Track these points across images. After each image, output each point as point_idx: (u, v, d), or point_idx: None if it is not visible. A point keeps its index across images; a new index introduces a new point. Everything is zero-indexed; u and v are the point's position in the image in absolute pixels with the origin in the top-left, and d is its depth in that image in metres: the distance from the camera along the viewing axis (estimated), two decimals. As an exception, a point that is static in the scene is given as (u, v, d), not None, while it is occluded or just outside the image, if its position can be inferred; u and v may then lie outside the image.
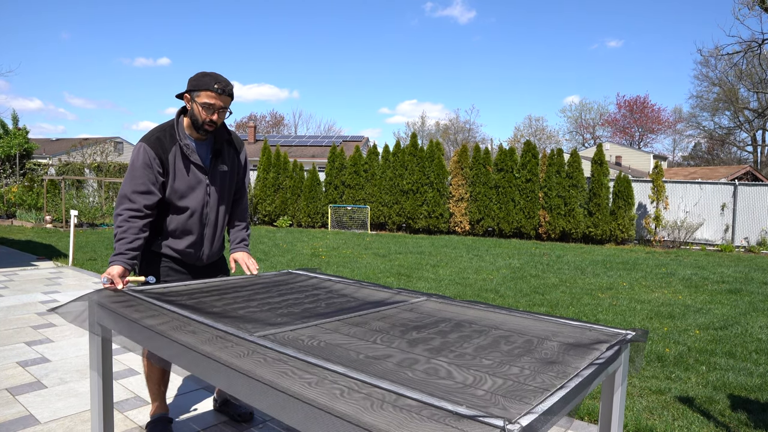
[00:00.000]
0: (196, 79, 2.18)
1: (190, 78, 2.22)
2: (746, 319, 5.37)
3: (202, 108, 2.16)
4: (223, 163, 2.38)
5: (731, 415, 2.97)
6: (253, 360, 1.25)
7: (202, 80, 2.15)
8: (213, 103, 2.16)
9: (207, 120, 2.19)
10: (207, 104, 2.15)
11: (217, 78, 2.16)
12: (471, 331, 1.61)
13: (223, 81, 2.16)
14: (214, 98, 2.16)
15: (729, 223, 13.98)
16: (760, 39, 16.40)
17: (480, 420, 0.93)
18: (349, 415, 0.96)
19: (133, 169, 2.18)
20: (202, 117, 2.18)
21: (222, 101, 2.18)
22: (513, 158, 14.75)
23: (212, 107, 2.17)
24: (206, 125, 2.21)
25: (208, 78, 2.16)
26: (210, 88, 2.14)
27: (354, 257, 9.49)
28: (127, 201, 2.17)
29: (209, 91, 2.15)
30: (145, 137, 2.23)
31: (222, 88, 2.15)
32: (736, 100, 34.52)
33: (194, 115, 2.20)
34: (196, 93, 2.17)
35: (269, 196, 16.82)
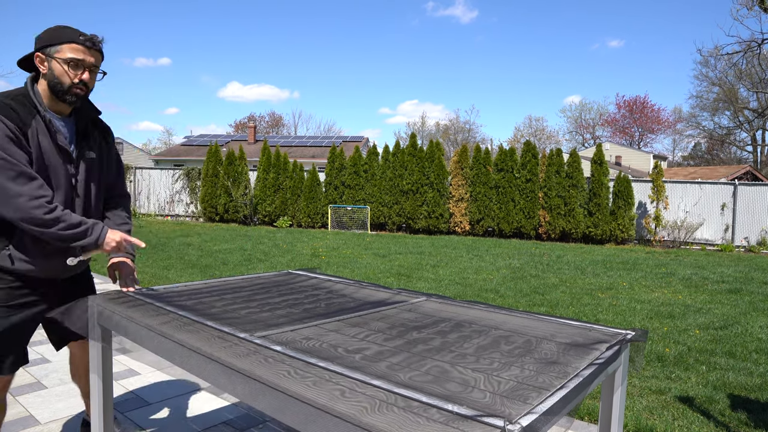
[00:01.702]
0: (50, 33, 1.72)
1: (38, 35, 1.74)
2: (746, 319, 5.37)
3: (68, 65, 1.70)
4: (89, 149, 1.89)
5: (731, 415, 2.97)
6: (253, 360, 1.25)
7: (61, 32, 1.71)
8: (81, 58, 1.71)
9: (76, 81, 1.72)
10: (74, 60, 1.70)
11: (80, 31, 1.74)
12: (471, 331, 1.61)
13: (88, 34, 1.75)
14: (83, 52, 1.72)
15: (729, 223, 13.98)
16: (760, 39, 16.41)
17: (480, 420, 0.93)
18: (349, 415, 0.96)
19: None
20: (69, 77, 1.71)
21: (92, 57, 1.75)
22: (513, 158, 14.75)
23: (81, 63, 1.72)
24: (76, 88, 1.73)
25: (70, 30, 1.72)
26: (75, 39, 1.70)
27: (354, 257, 9.49)
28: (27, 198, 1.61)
29: (74, 44, 1.70)
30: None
31: (90, 40, 1.73)
32: (735, 100, 34.52)
33: (56, 77, 1.71)
34: (54, 48, 1.70)
35: (269, 197, 16.82)
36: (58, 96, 1.74)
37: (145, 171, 19.26)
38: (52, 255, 1.84)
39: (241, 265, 8.09)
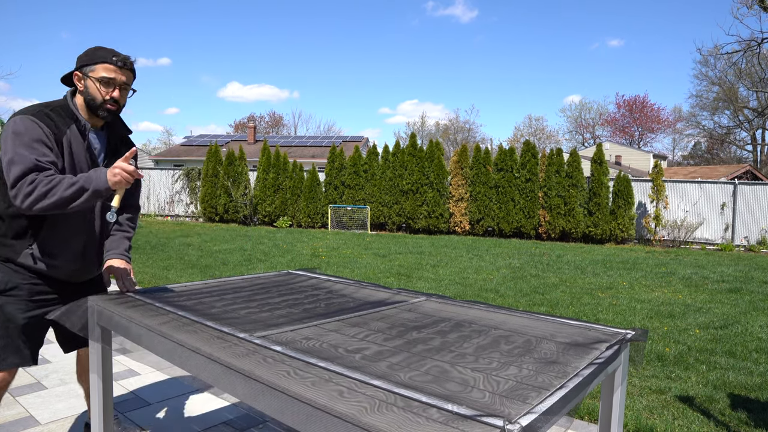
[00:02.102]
0: (88, 54, 1.88)
1: (79, 56, 1.90)
2: (746, 318, 5.37)
3: (100, 83, 1.85)
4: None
5: (731, 414, 2.97)
6: (253, 360, 1.25)
7: (96, 53, 1.86)
8: (113, 77, 1.86)
9: (108, 98, 1.87)
10: (105, 78, 1.85)
11: (114, 51, 1.89)
12: (471, 331, 1.61)
13: (121, 54, 1.89)
14: (114, 71, 1.86)
15: (729, 222, 13.98)
16: (760, 38, 16.41)
17: (480, 420, 0.93)
18: (348, 415, 0.96)
19: (22, 142, 1.71)
20: (101, 94, 1.86)
21: (124, 76, 1.89)
22: (513, 158, 14.75)
23: (112, 82, 1.86)
24: (108, 104, 1.87)
25: (104, 51, 1.87)
26: (108, 60, 1.85)
27: (354, 257, 9.49)
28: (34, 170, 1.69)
29: (107, 64, 1.85)
30: (26, 111, 1.79)
31: (122, 60, 1.87)
32: (735, 99, 34.52)
33: (90, 94, 1.86)
34: (90, 68, 1.85)
35: (269, 197, 16.82)
36: (92, 111, 1.89)
37: (145, 171, 19.26)
38: (71, 258, 1.95)
39: (241, 266, 8.09)
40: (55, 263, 1.91)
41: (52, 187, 1.67)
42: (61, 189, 1.67)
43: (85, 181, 1.69)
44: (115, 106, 1.89)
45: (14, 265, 1.86)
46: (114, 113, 1.91)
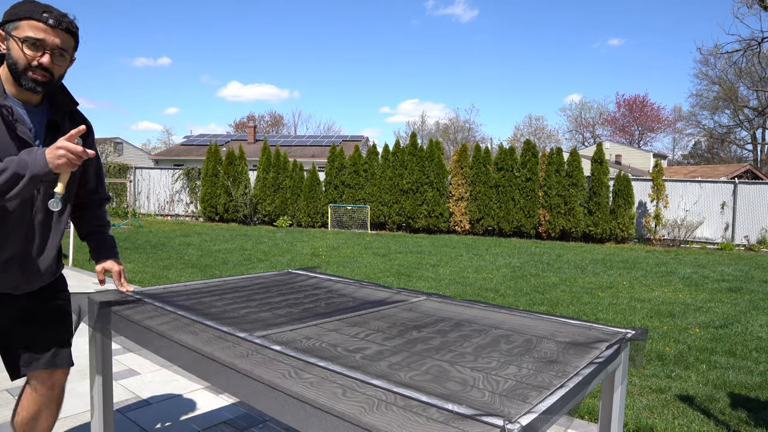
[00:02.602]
0: (12, 7, 1.51)
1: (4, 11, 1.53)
2: (746, 318, 5.37)
3: (24, 44, 1.46)
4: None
5: (731, 414, 2.97)
6: (253, 360, 1.25)
7: (23, 7, 1.49)
8: (42, 37, 1.47)
9: (33, 63, 1.48)
10: (31, 39, 1.46)
11: (47, 6, 1.50)
12: (471, 330, 1.61)
13: (56, 10, 1.51)
14: (44, 31, 1.47)
15: (729, 222, 13.98)
16: (760, 37, 16.40)
17: (480, 419, 0.92)
18: (348, 415, 0.96)
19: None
20: (25, 58, 1.47)
21: (58, 38, 1.50)
22: (513, 157, 14.75)
23: (40, 44, 1.48)
24: (32, 71, 1.49)
25: (32, 4, 1.49)
26: (35, 15, 1.47)
27: (354, 257, 9.49)
28: None
29: (34, 20, 1.47)
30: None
31: (55, 18, 1.48)
32: (735, 99, 34.52)
33: (11, 58, 1.49)
34: (13, 25, 1.47)
35: (269, 196, 16.82)
36: (16, 79, 1.50)
37: (145, 171, 19.27)
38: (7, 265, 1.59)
39: (240, 265, 8.09)
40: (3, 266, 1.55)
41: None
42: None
43: (18, 166, 1.37)
44: (44, 76, 1.50)
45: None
46: (44, 84, 1.51)
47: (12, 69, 1.50)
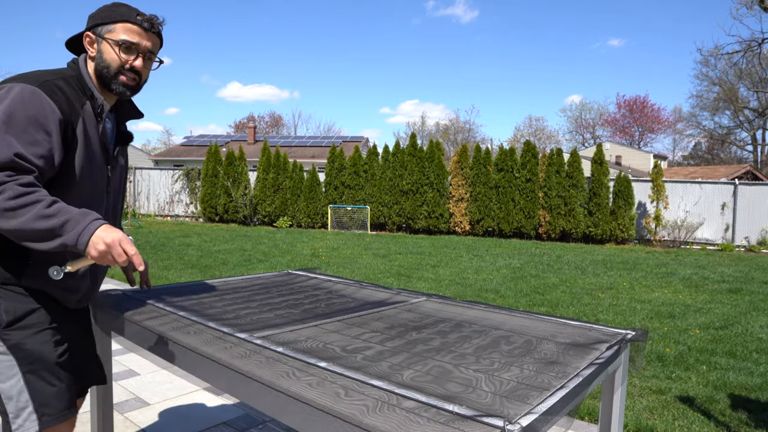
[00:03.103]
0: (104, 11, 1.46)
1: (91, 14, 1.49)
2: (747, 319, 5.37)
3: (120, 48, 1.43)
4: (122, 154, 1.65)
5: (732, 415, 2.96)
6: (253, 361, 1.25)
7: (116, 10, 1.45)
8: (136, 41, 1.45)
9: (126, 66, 1.45)
10: (127, 42, 1.43)
11: (138, 9, 1.49)
12: (471, 331, 1.61)
13: (147, 14, 1.50)
14: (138, 34, 1.45)
15: (729, 223, 13.98)
16: (760, 38, 16.42)
17: (480, 420, 0.92)
18: (349, 416, 0.96)
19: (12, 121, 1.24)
20: (119, 61, 1.44)
21: (150, 41, 1.48)
22: (513, 158, 14.75)
23: (135, 47, 1.45)
24: (125, 75, 1.45)
25: (126, 8, 1.47)
26: (131, 19, 1.44)
27: (354, 258, 9.49)
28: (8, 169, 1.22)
29: (130, 23, 1.44)
30: (29, 78, 1.32)
31: (148, 21, 1.47)
32: (735, 100, 34.52)
33: (104, 61, 1.44)
34: (106, 28, 1.44)
35: (269, 197, 16.82)
36: (105, 83, 1.46)
37: (145, 171, 19.27)
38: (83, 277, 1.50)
39: (240, 266, 8.09)
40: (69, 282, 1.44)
41: (19, 205, 1.19)
42: (28, 215, 1.19)
43: (64, 223, 1.22)
44: (135, 80, 1.48)
45: (18, 287, 1.37)
46: (133, 89, 1.50)
47: (103, 72, 1.45)
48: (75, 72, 1.44)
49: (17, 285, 1.36)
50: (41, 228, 1.21)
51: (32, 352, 1.34)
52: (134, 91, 1.51)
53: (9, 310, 1.33)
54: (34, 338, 1.36)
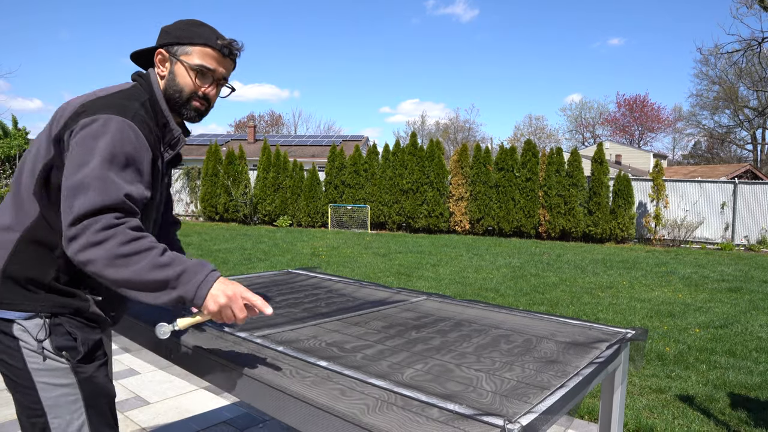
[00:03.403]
0: (182, 28, 1.34)
1: (165, 27, 1.36)
2: (746, 318, 5.37)
3: (196, 73, 1.32)
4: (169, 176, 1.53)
5: (731, 414, 2.97)
6: (254, 360, 1.25)
7: (196, 31, 1.33)
8: (213, 68, 1.33)
9: (200, 93, 1.34)
10: (203, 68, 1.32)
11: (218, 32, 1.36)
12: (471, 330, 1.61)
13: (228, 38, 1.37)
14: (216, 60, 1.33)
15: (729, 222, 13.98)
16: (760, 37, 16.41)
17: (480, 419, 0.93)
18: (349, 414, 0.96)
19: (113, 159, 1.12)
20: (191, 87, 1.32)
21: (225, 67, 1.37)
22: (513, 157, 14.75)
23: (211, 74, 1.34)
24: (196, 101, 1.34)
25: (207, 29, 1.34)
26: (211, 42, 1.32)
27: (354, 257, 9.49)
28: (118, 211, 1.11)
29: (208, 48, 1.32)
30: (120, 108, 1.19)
31: (228, 46, 1.34)
32: (735, 99, 34.51)
33: (177, 85, 1.32)
34: (183, 49, 1.32)
35: (269, 196, 16.82)
36: (174, 107, 1.34)
37: (145, 170, 19.22)
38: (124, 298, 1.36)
39: (240, 265, 8.09)
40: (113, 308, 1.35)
41: (132, 252, 1.07)
42: (142, 263, 1.07)
43: (180, 274, 1.10)
44: (204, 105, 1.37)
45: (85, 319, 1.26)
46: (201, 114, 1.38)
47: (175, 96, 1.33)
48: (148, 92, 1.31)
49: (87, 312, 1.25)
50: (155, 279, 1.08)
51: (99, 386, 1.26)
52: (202, 118, 1.40)
53: (85, 341, 1.23)
54: (100, 371, 1.28)
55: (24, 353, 1.17)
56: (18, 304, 1.16)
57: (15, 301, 1.16)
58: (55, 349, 1.18)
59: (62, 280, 1.20)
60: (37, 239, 1.17)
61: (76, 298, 1.23)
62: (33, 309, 1.17)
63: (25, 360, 1.16)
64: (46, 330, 1.18)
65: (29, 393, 1.17)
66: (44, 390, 1.17)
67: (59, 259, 1.18)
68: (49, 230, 1.18)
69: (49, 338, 1.18)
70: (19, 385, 1.17)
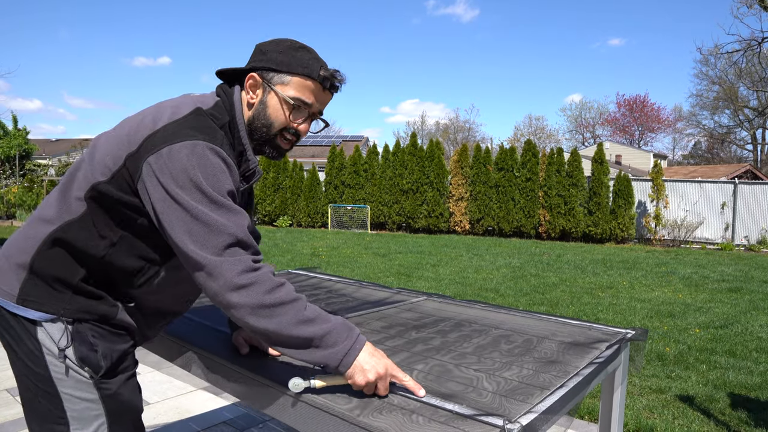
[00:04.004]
0: (283, 52, 1.17)
1: (261, 45, 1.20)
2: (746, 318, 5.37)
3: (289, 106, 1.17)
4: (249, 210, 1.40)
5: (731, 414, 2.97)
6: (253, 360, 1.25)
7: (298, 57, 1.16)
8: (311, 102, 1.18)
9: (291, 128, 1.19)
10: (300, 102, 1.17)
11: (322, 61, 1.20)
12: (471, 330, 1.61)
13: (331, 69, 1.21)
14: (315, 93, 1.18)
15: (729, 222, 13.98)
16: (760, 37, 16.41)
17: (480, 419, 0.92)
18: (348, 415, 0.96)
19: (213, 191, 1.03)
20: (283, 121, 1.18)
21: (322, 101, 1.22)
22: (513, 157, 14.75)
23: (307, 108, 1.19)
24: (283, 138, 1.21)
25: (310, 56, 1.18)
26: (313, 74, 1.16)
27: (354, 257, 9.49)
28: (251, 249, 1.05)
29: (311, 80, 1.17)
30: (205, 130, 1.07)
31: (331, 78, 1.19)
32: (735, 99, 34.52)
33: (267, 117, 1.18)
34: (281, 77, 1.16)
35: (269, 196, 16.82)
36: (259, 141, 1.20)
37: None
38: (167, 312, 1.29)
39: (241, 265, 8.09)
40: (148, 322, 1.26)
41: (276, 303, 1.00)
42: (288, 316, 1.01)
43: (325, 334, 1.03)
44: (292, 142, 1.23)
45: (111, 326, 1.17)
46: (284, 153, 1.24)
47: (261, 130, 1.18)
48: (230, 114, 1.17)
49: (114, 319, 1.16)
50: (299, 336, 1.01)
51: (124, 402, 1.18)
52: (283, 156, 1.25)
53: (107, 354, 1.13)
54: (128, 385, 1.19)
55: (47, 360, 1.10)
56: (42, 304, 1.10)
57: (40, 299, 1.10)
58: (78, 360, 1.10)
59: (91, 281, 1.12)
60: (71, 237, 1.10)
61: (103, 302, 1.14)
62: (56, 311, 1.10)
63: (48, 367, 1.10)
64: (68, 337, 1.10)
65: (54, 400, 1.11)
66: (68, 401, 1.11)
67: (91, 262, 1.11)
68: (90, 232, 1.10)
69: (72, 346, 1.10)
70: (40, 390, 1.12)
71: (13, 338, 1.13)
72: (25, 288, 1.11)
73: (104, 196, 1.08)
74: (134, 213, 1.09)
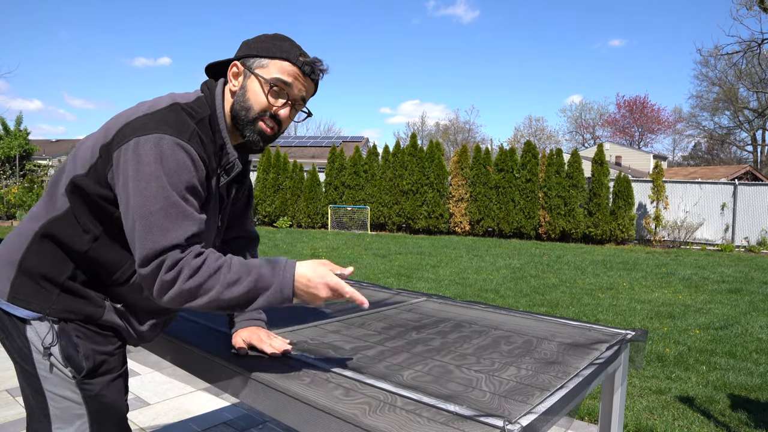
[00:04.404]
0: (263, 41, 1.21)
1: (247, 41, 1.24)
2: (746, 319, 5.37)
3: (270, 88, 1.17)
4: (237, 198, 1.42)
5: (731, 415, 2.97)
6: (253, 361, 1.25)
7: (277, 44, 1.20)
8: (290, 82, 1.19)
9: (273, 112, 1.19)
10: (280, 82, 1.18)
11: (302, 49, 1.23)
12: (471, 331, 1.61)
13: (310, 56, 1.24)
14: (295, 77, 1.20)
15: (729, 223, 13.98)
16: (760, 39, 16.43)
17: (480, 420, 0.93)
18: (349, 416, 0.96)
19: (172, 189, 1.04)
20: (262, 104, 1.18)
21: (305, 88, 1.22)
22: (513, 158, 14.76)
23: (287, 92, 1.20)
24: (265, 122, 1.20)
25: (289, 44, 1.21)
26: (291, 57, 1.19)
27: (354, 258, 9.49)
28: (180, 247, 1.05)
29: (289, 63, 1.19)
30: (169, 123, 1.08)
31: (311, 64, 1.21)
32: (735, 100, 34.53)
33: (246, 101, 1.19)
34: (260, 62, 1.19)
35: (269, 197, 16.82)
36: (238, 126, 1.21)
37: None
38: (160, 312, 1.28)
39: (241, 266, 8.09)
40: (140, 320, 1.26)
41: (204, 280, 1.04)
42: (217, 287, 1.04)
43: (257, 280, 1.06)
44: (274, 128, 1.22)
45: (96, 327, 1.18)
46: (268, 140, 1.23)
47: (240, 114, 1.19)
48: (210, 108, 1.19)
49: (99, 320, 1.17)
50: (235, 296, 1.05)
51: (107, 404, 1.20)
52: (267, 143, 1.24)
53: (89, 355, 1.15)
54: (111, 387, 1.20)
55: (34, 358, 1.13)
56: (30, 302, 1.12)
57: (28, 297, 1.12)
58: (63, 359, 1.12)
59: (79, 279, 1.14)
60: (57, 232, 1.12)
61: (89, 302, 1.15)
62: (42, 310, 1.12)
63: (35, 365, 1.13)
64: (54, 336, 1.12)
65: (39, 397, 1.14)
66: (52, 399, 1.14)
67: (77, 258, 1.13)
68: (74, 227, 1.12)
69: (57, 345, 1.12)
70: (30, 387, 1.15)
71: (7, 336, 1.16)
72: (15, 286, 1.13)
73: (82, 190, 1.10)
74: (110, 206, 1.11)
